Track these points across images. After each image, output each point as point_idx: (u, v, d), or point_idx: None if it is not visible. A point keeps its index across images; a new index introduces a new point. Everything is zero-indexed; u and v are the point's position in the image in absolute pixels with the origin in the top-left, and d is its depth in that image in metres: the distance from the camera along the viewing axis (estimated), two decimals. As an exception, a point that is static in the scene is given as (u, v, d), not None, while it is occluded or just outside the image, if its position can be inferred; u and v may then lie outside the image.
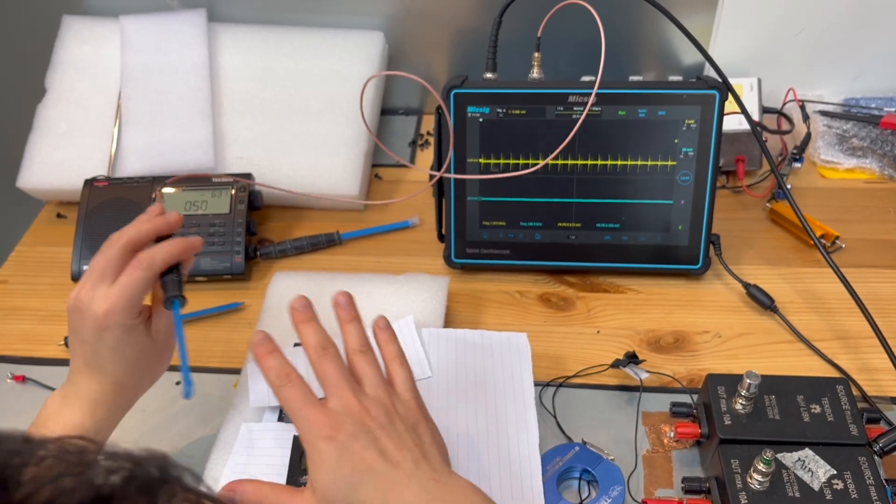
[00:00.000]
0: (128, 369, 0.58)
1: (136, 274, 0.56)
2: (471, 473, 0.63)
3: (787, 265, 0.86)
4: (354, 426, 0.51)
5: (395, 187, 0.99)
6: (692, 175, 0.80)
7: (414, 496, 0.50)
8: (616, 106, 0.78)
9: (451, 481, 0.53)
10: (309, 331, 0.55)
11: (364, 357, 0.56)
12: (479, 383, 0.70)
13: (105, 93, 0.97)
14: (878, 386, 0.73)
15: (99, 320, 0.56)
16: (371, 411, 0.53)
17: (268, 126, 0.95)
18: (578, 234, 0.83)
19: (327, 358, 0.54)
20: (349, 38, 1.00)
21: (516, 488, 0.63)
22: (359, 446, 0.51)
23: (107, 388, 0.58)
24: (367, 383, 0.55)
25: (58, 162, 0.94)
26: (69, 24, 1.00)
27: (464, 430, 0.67)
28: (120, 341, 0.57)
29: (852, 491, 0.58)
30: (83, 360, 0.58)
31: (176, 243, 0.59)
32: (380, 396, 0.54)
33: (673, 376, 0.74)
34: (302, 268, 0.87)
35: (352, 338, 0.57)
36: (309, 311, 0.56)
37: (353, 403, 0.52)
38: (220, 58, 0.98)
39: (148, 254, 0.57)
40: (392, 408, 0.54)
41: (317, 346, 0.54)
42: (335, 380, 0.53)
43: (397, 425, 0.53)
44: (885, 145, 0.97)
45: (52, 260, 0.90)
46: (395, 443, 0.52)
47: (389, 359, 0.58)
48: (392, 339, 0.59)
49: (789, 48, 1.00)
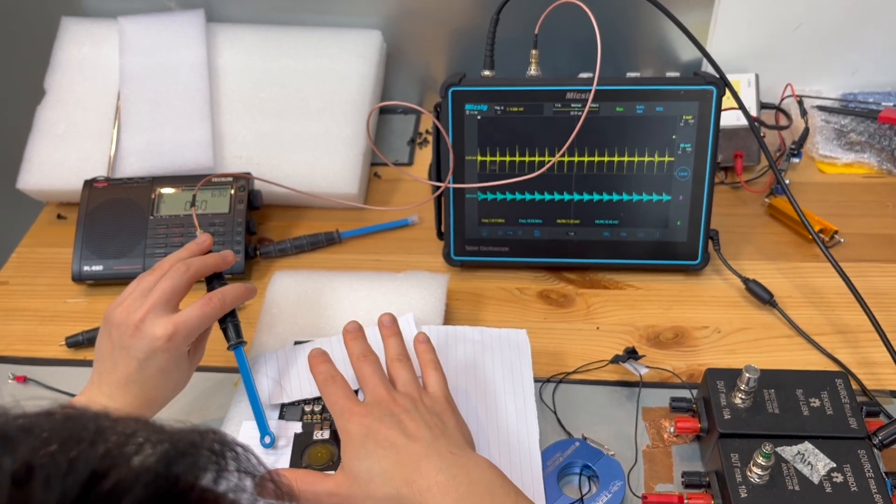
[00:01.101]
0: (166, 390, 0.62)
1: (207, 311, 0.62)
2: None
3: (785, 260, 0.86)
4: (381, 411, 0.58)
5: (395, 186, 0.99)
6: (690, 171, 0.80)
7: (430, 466, 0.54)
8: (614, 102, 0.78)
9: (468, 455, 0.56)
10: (355, 343, 0.64)
11: (401, 363, 0.63)
12: (480, 380, 0.71)
13: (104, 94, 0.97)
14: (878, 379, 0.73)
15: (157, 342, 0.59)
16: (398, 401, 0.59)
17: (267, 125, 0.95)
18: (577, 230, 0.83)
19: (366, 362, 0.62)
20: (347, 37, 1.00)
21: (517, 484, 0.63)
22: (383, 426, 0.56)
23: (141, 404, 0.61)
24: (400, 383, 0.62)
25: (57, 163, 0.94)
26: (68, 25, 1.00)
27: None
28: (171, 364, 0.60)
29: (852, 484, 0.58)
30: (124, 374, 0.60)
31: (243, 289, 0.66)
32: (410, 392, 0.61)
33: (672, 371, 0.74)
34: (302, 267, 0.87)
35: (392, 349, 0.65)
36: (359, 331, 0.65)
37: (383, 394, 0.59)
38: (218, 58, 0.98)
39: (221, 294, 0.64)
40: (419, 399, 0.60)
41: (359, 355, 0.63)
42: (371, 379, 0.61)
43: (421, 411, 0.59)
44: (883, 140, 0.97)
45: (53, 261, 0.91)
46: (416, 423, 0.57)
47: (425, 364, 0.65)
48: (430, 350, 0.66)
49: (787, 44, 1.00)
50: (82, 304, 0.85)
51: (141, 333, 0.59)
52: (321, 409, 0.68)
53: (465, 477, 0.54)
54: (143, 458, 0.26)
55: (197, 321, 0.61)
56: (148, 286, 0.62)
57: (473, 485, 0.53)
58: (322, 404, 0.68)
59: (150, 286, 0.62)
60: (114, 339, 0.60)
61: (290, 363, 0.72)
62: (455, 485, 0.53)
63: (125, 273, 0.84)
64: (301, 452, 0.65)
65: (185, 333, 0.60)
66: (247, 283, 0.68)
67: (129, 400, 0.60)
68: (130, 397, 0.60)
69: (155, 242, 0.85)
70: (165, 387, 0.62)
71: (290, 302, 0.79)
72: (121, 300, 0.62)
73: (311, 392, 0.69)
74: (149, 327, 0.59)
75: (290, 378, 0.70)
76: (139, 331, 0.59)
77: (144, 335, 0.59)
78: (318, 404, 0.69)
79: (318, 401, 0.69)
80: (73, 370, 0.77)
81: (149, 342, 0.59)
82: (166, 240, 0.85)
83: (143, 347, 0.59)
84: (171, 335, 0.59)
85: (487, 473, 0.55)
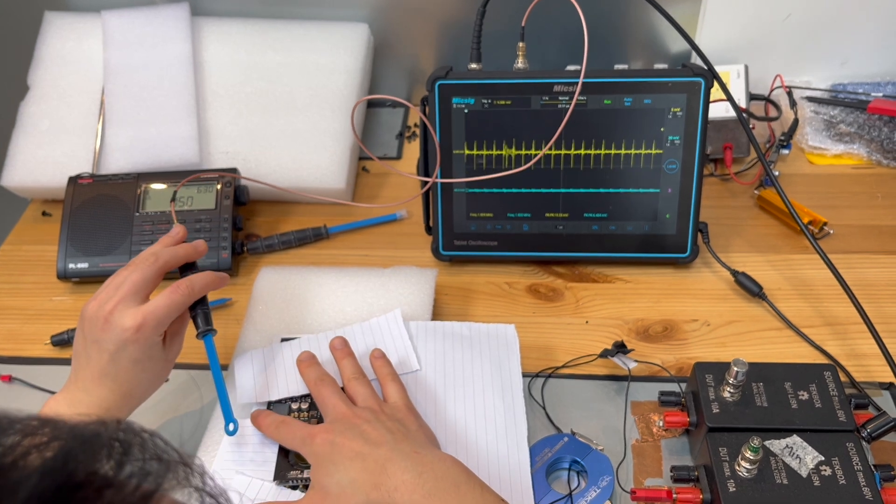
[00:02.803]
0: (141, 382, 0.61)
1: (175, 298, 0.61)
2: (459, 466, 0.63)
3: (775, 252, 0.86)
4: (344, 426, 0.59)
5: (383, 180, 0.98)
6: (679, 163, 0.79)
7: (395, 466, 0.55)
8: (601, 95, 0.77)
9: (432, 453, 0.57)
10: (310, 370, 0.66)
11: (357, 381, 0.65)
12: (468, 375, 0.70)
13: (88, 89, 0.96)
14: (867, 371, 0.73)
15: (127, 333, 0.59)
16: (359, 414, 0.61)
17: (253, 120, 0.95)
18: (566, 224, 0.83)
19: (324, 385, 0.64)
20: (334, 30, 0.99)
21: (505, 480, 0.63)
22: (346, 439, 0.58)
23: (118, 398, 0.60)
24: (359, 400, 0.63)
25: (42, 159, 0.93)
26: (51, 20, 0.99)
27: (452, 422, 0.67)
28: (143, 355, 0.60)
29: (840, 477, 0.58)
30: (98, 368, 0.59)
31: (213, 276, 0.65)
32: (370, 405, 0.62)
33: (661, 365, 0.74)
34: (289, 262, 0.87)
35: (347, 369, 0.66)
36: (312, 359, 0.68)
37: (344, 411, 0.61)
38: (203, 52, 0.97)
39: (189, 281, 0.63)
40: (380, 410, 0.62)
41: (316, 380, 0.65)
42: (330, 399, 0.63)
43: (382, 419, 0.60)
44: (872, 131, 0.97)
45: (38, 258, 0.90)
46: (377, 430, 0.58)
47: (382, 377, 0.67)
48: (386, 364, 0.68)
49: (776, 35, 1.00)
50: (67, 302, 0.85)
51: (110, 326, 0.59)
52: (308, 406, 0.68)
53: (430, 473, 0.55)
54: (40, 453, 0.26)
55: (164, 310, 0.60)
56: (120, 280, 0.61)
57: (439, 480, 0.54)
58: (309, 401, 0.68)
59: (123, 280, 0.61)
60: (87, 333, 0.60)
61: (276, 360, 0.71)
62: (421, 482, 0.54)
63: (111, 270, 0.82)
64: (287, 451, 0.65)
65: (154, 323, 0.59)
66: (219, 272, 0.67)
67: (104, 394, 0.59)
68: (105, 391, 0.59)
69: (141, 239, 0.84)
70: (141, 379, 0.61)
71: (277, 298, 0.79)
72: (95, 296, 0.61)
73: (299, 390, 0.68)
74: (118, 319, 0.59)
75: (277, 375, 0.70)
76: (108, 323, 0.59)
77: (114, 327, 0.58)
78: (306, 401, 0.68)
79: (305, 398, 0.69)
80: (58, 369, 0.76)
81: (118, 334, 0.58)
82: (152, 236, 0.84)
83: (114, 339, 0.58)
84: (139, 325, 0.59)
85: (452, 469, 0.56)
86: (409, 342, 0.72)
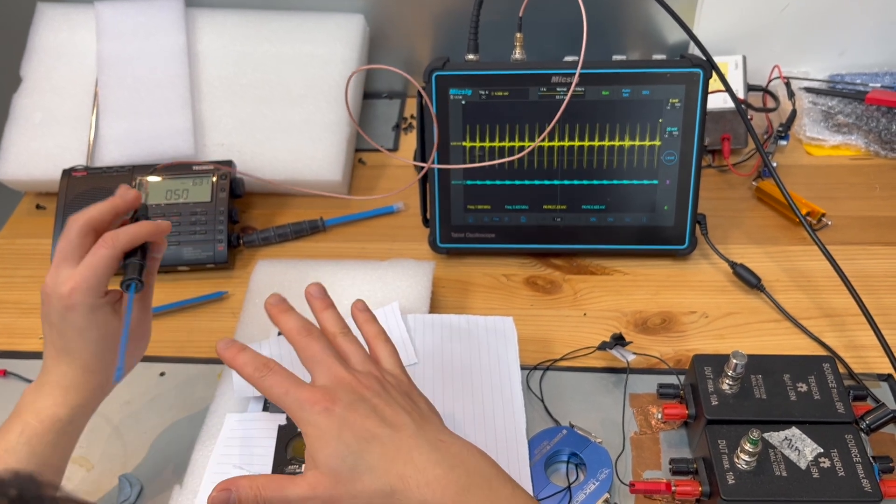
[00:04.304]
0: (97, 352, 0.58)
1: (100, 252, 0.56)
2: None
3: (773, 243, 0.86)
4: (349, 395, 0.51)
5: (380, 172, 0.98)
6: (677, 154, 0.79)
7: (423, 457, 0.50)
8: (599, 86, 0.77)
9: (457, 442, 0.53)
10: (288, 318, 0.56)
11: (345, 338, 0.57)
12: (466, 368, 0.70)
13: (82, 81, 0.95)
14: (865, 363, 0.73)
15: (63, 299, 0.55)
16: (363, 381, 0.53)
17: (248, 112, 0.94)
18: (564, 216, 0.82)
19: (311, 338, 0.54)
20: (330, 21, 0.98)
21: (504, 473, 0.63)
22: (358, 415, 0.50)
23: (77, 373, 0.57)
24: (353, 360, 0.55)
25: (35, 152, 0.93)
26: (44, 11, 0.98)
27: (450, 415, 0.66)
28: (87, 321, 0.56)
29: (839, 469, 0.58)
30: (52, 345, 0.58)
31: (141, 225, 0.59)
32: (369, 370, 0.55)
33: (660, 357, 0.74)
34: (285, 255, 0.86)
35: (330, 323, 0.58)
36: (284, 303, 0.57)
37: (344, 375, 0.53)
38: (198, 43, 0.96)
39: (112, 233, 0.57)
40: (383, 378, 0.55)
41: (299, 329, 0.55)
42: (322, 356, 0.53)
43: (392, 393, 0.53)
44: (870, 121, 0.96)
45: (32, 252, 0.89)
46: (392, 409, 0.52)
47: (371, 337, 0.59)
48: (372, 319, 0.60)
49: (774, 25, 0.99)
50: (63, 295, 0.84)
51: (49, 298, 0.56)
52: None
53: (462, 468, 0.51)
54: None
55: (93, 268, 0.56)
56: (55, 251, 0.58)
57: (472, 475, 0.51)
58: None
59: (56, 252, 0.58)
60: (41, 315, 0.58)
61: (273, 354, 0.71)
62: (455, 477, 0.50)
63: (106, 264, 0.83)
64: (286, 445, 0.64)
65: (87, 284, 0.55)
66: (157, 221, 0.60)
67: (63, 370, 0.57)
68: (64, 366, 0.57)
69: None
70: (94, 350, 0.57)
71: (273, 291, 0.78)
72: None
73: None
74: (54, 288, 0.56)
75: (274, 369, 0.69)
76: (49, 296, 0.56)
77: (53, 297, 0.56)
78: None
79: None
80: (53, 363, 0.76)
81: (58, 302, 0.56)
82: (147, 229, 0.84)
83: (56, 309, 0.56)
84: (72, 289, 0.55)
85: (482, 462, 0.52)
86: (407, 335, 0.72)
